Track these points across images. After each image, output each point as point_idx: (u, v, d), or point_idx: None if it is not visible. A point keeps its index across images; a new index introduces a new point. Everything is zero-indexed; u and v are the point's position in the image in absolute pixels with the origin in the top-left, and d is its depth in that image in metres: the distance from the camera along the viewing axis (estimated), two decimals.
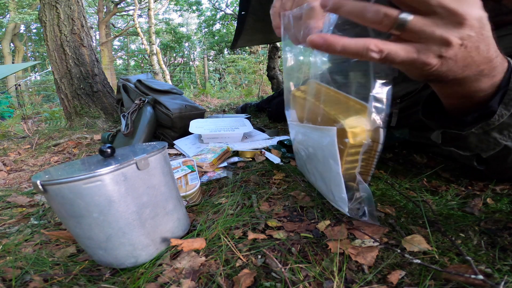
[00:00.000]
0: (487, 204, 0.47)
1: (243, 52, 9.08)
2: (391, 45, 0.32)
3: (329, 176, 0.44)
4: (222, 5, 13.27)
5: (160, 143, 0.46)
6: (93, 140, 1.44)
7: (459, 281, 0.31)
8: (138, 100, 1.17)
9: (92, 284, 0.37)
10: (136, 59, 18.31)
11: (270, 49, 2.84)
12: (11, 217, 0.60)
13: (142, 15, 13.32)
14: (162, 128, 1.21)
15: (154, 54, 8.36)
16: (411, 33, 0.31)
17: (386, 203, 0.51)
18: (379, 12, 0.30)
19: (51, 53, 1.82)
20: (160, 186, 0.42)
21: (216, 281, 0.35)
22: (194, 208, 0.57)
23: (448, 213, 0.46)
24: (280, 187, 0.64)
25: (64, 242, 0.48)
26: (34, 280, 0.38)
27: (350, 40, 0.31)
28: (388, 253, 0.37)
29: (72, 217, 0.37)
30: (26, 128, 1.95)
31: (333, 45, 0.31)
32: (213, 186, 0.69)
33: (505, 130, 0.42)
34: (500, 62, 0.37)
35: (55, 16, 1.77)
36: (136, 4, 9.58)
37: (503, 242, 0.37)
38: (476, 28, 0.31)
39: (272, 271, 0.36)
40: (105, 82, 1.95)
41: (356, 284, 0.33)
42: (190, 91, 4.96)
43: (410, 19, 0.30)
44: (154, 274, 0.37)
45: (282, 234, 0.44)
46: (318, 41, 0.31)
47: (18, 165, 1.11)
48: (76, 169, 0.38)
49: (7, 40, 10.62)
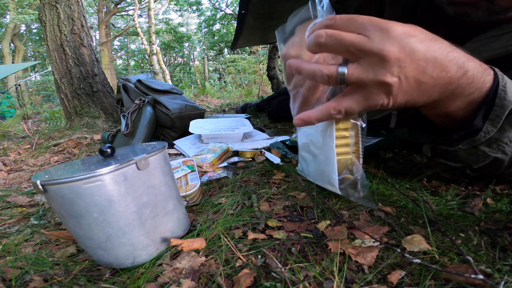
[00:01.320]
0: (487, 204, 0.47)
1: (243, 52, 9.08)
2: (344, 102, 0.35)
3: (322, 153, 0.45)
4: (222, 5, 13.27)
5: (160, 143, 0.46)
6: (93, 140, 1.44)
7: (459, 281, 0.30)
8: (138, 100, 1.17)
9: (92, 284, 0.37)
10: (136, 59, 18.32)
11: (270, 49, 2.84)
12: (11, 217, 0.60)
13: (142, 15, 13.32)
14: (162, 128, 1.21)
15: (154, 54, 8.36)
16: (354, 84, 0.33)
17: (386, 202, 0.51)
18: (323, 74, 0.34)
19: (51, 53, 1.82)
20: (160, 186, 0.42)
21: (216, 281, 0.35)
22: (194, 208, 0.57)
23: (448, 213, 0.46)
24: (280, 187, 0.64)
25: (64, 242, 0.48)
26: (34, 280, 0.38)
27: (317, 112, 0.37)
28: (388, 253, 0.37)
29: (72, 217, 0.37)
30: (26, 128, 1.95)
31: (310, 121, 0.38)
32: (213, 186, 0.69)
33: (494, 143, 0.41)
34: (476, 77, 0.35)
35: (55, 16, 1.77)
36: (136, 4, 9.58)
37: (503, 242, 0.37)
38: (406, 58, 0.31)
39: (272, 271, 0.36)
40: (105, 82, 1.95)
41: (356, 284, 0.33)
42: (190, 91, 4.97)
43: (346, 72, 0.33)
44: (154, 274, 0.37)
45: (282, 234, 0.44)
46: (299, 123, 0.39)
47: (18, 165, 1.11)
48: (76, 169, 0.38)
49: (7, 40, 10.62)
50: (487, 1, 0.48)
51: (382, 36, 0.30)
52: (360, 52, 0.31)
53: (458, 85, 0.35)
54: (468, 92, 0.36)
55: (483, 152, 0.42)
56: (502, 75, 0.36)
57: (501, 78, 0.36)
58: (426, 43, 0.32)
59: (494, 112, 0.37)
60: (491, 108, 0.37)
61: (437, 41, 0.33)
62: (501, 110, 0.37)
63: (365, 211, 0.48)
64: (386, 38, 0.30)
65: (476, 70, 0.35)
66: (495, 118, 0.37)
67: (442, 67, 0.32)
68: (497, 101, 0.36)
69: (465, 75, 0.34)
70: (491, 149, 0.42)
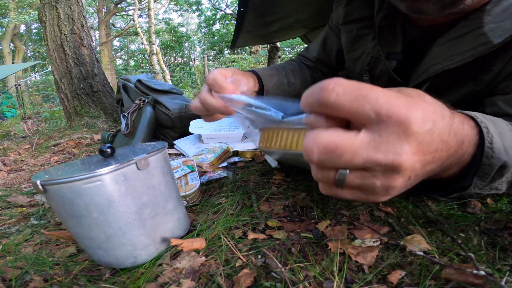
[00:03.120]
0: (487, 204, 0.47)
1: (243, 52, 9.07)
2: (339, 191, 0.29)
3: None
4: (222, 5, 13.28)
5: (160, 143, 0.46)
6: (93, 140, 1.44)
7: (460, 280, 0.30)
8: (138, 100, 1.17)
9: (92, 284, 0.37)
10: (136, 59, 18.31)
11: (270, 49, 2.84)
12: (11, 217, 0.60)
13: (142, 15, 13.32)
14: (162, 128, 1.21)
15: (154, 54, 8.36)
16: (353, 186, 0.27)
17: (386, 203, 0.51)
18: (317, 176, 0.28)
19: (51, 53, 1.82)
20: (160, 186, 0.42)
21: (216, 281, 0.35)
22: (194, 208, 0.57)
23: (448, 213, 0.46)
24: (280, 187, 0.64)
25: (64, 242, 0.48)
26: (34, 280, 0.38)
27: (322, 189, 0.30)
28: (388, 253, 0.37)
29: (72, 217, 0.37)
30: (26, 128, 1.95)
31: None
32: (213, 186, 0.69)
33: (486, 187, 0.38)
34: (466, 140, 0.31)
35: (55, 16, 1.77)
36: (136, 4, 9.58)
37: (503, 242, 0.37)
38: (420, 157, 0.25)
39: (272, 271, 0.36)
40: (105, 82, 1.95)
41: (356, 284, 0.33)
42: (190, 91, 4.96)
43: (347, 175, 0.26)
44: (154, 274, 0.37)
45: (282, 234, 0.44)
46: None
47: (18, 165, 1.11)
48: (76, 169, 0.38)
49: (7, 40, 10.62)
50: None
51: (398, 137, 0.24)
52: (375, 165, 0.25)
53: (455, 157, 0.31)
54: (462, 159, 0.32)
55: (476, 193, 0.40)
56: (486, 128, 0.32)
57: (486, 133, 0.32)
58: (437, 126, 0.26)
59: (483, 171, 0.34)
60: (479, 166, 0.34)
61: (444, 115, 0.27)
62: (489, 168, 0.34)
63: (365, 211, 0.48)
64: (403, 139, 0.24)
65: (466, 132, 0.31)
66: (483, 175, 0.35)
67: (447, 147, 0.28)
68: (484, 160, 0.33)
69: (461, 145, 0.31)
70: (483, 191, 0.39)
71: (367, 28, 0.66)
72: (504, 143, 0.33)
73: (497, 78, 0.50)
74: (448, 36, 0.52)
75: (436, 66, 0.53)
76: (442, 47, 0.53)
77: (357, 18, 0.68)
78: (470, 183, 0.36)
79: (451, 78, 0.54)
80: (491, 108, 0.51)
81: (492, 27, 0.46)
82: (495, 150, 0.32)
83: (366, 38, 0.67)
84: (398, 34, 0.61)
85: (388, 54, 0.62)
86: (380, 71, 0.65)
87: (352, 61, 0.73)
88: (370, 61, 0.66)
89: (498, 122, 0.36)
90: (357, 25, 0.68)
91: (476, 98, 0.54)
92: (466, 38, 0.49)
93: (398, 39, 0.61)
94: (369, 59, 0.66)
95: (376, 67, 0.66)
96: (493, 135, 0.32)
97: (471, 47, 0.48)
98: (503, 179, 0.37)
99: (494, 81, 0.51)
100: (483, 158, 0.33)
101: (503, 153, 0.33)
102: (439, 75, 0.53)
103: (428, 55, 0.55)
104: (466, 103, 0.56)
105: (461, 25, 0.50)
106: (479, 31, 0.47)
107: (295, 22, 1.81)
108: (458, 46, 0.50)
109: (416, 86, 0.58)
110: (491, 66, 0.50)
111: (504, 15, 0.46)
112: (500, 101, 0.50)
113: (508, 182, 0.40)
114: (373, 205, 0.49)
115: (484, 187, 0.38)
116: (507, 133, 0.35)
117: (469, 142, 0.31)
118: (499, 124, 0.36)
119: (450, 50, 0.51)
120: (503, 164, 0.34)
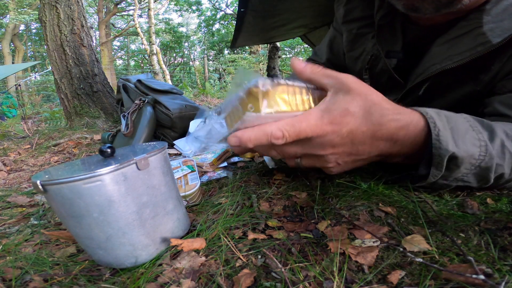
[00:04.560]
0: (487, 204, 0.47)
1: (243, 52, 9.07)
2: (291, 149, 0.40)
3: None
4: (222, 5, 13.27)
5: (160, 143, 0.46)
6: (93, 140, 1.44)
7: (459, 281, 0.30)
8: (138, 100, 1.17)
9: (92, 284, 0.37)
10: (136, 59, 18.31)
11: (270, 49, 2.84)
12: (11, 217, 0.60)
13: (142, 15, 13.32)
14: (162, 128, 1.21)
15: (154, 54, 8.36)
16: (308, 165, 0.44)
17: (386, 203, 0.51)
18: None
19: (51, 53, 1.82)
20: (160, 186, 0.42)
21: (216, 281, 0.35)
22: (194, 208, 0.57)
23: (448, 213, 0.46)
24: (280, 187, 0.64)
25: (64, 242, 0.48)
26: (34, 280, 0.38)
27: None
28: (388, 253, 0.37)
29: (72, 217, 0.37)
30: (26, 128, 1.95)
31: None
32: (213, 186, 0.69)
33: (449, 178, 0.43)
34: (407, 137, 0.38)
35: (55, 16, 1.77)
36: (136, 4, 9.58)
37: (503, 242, 0.37)
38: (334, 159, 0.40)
39: (272, 271, 0.36)
40: (105, 82, 1.95)
41: (356, 284, 0.33)
42: (190, 91, 4.96)
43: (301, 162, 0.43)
44: (154, 274, 0.37)
45: (282, 234, 0.44)
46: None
47: (18, 165, 1.11)
48: (76, 169, 0.38)
49: (7, 40, 10.62)
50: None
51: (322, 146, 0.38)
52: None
53: (389, 153, 0.41)
54: (402, 152, 0.41)
55: (445, 184, 0.45)
56: (434, 122, 0.38)
57: (433, 127, 0.37)
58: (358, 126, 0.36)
59: (435, 160, 0.39)
60: (430, 158, 0.39)
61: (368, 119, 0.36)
62: (440, 158, 0.38)
63: (365, 211, 0.48)
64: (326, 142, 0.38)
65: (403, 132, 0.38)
66: (437, 165, 0.39)
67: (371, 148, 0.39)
68: (434, 151, 0.38)
69: (396, 144, 0.39)
70: (449, 182, 0.44)
71: (367, 27, 0.66)
72: (454, 136, 0.38)
73: (496, 78, 0.50)
74: (447, 36, 0.52)
75: (435, 66, 0.53)
76: (442, 47, 0.53)
77: (357, 17, 0.68)
78: (428, 172, 0.41)
79: (450, 78, 0.54)
80: (488, 108, 0.51)
81: (491, 27, 0.46)
82: (442, 142, 0.37)
83: (366, 37, 0.67)
84: (398, 32, 0.61)
85: (388, 53, 0.62)
86: (380, 70, 0.65)
87: (352, 60, 0.73)
88: (370, 59, 0.66)
89: (454, 118, 0.40)
90: (357, 24, 0.68)
91: (476, 98, 0.54)
92: (466, 38, 0.49)
93: (398, 37, 0.61)
94: (369, 58, 0.66)
95: (376, 66, 0.66)
96: (440, 129, 0.37)
97: (470, 47, 0.48)
98: (462, 170, 0.41)
99: (493, 81, 0.51)
100: (433, 149, 0.38)
101: (451, 145, 0.37)
102: (439, 75, 0.53)
103: (428, 55, 0.55)
104: (466, 103, 0.56)
105: (461, 25, 0.50)
106: (478, 31, 0.47)
107: (295, 22, 1.81)
108: (457, 46, 0.50)
109: (415, 86, 0.58)
110: (490, 66, 0.50)
111: (503, 15, 0.46)
112: (496, 102, 0.50)
113: (474, 175, 0.43)
114: (373, 205, 0.49)
115: (448, 178, 0.43)
116: (461, 127, 0.39)
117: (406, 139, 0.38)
118: (454, 119, 0.40)
119: (450, 50, 0.51)
120: (452, 154, 0.38)
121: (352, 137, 0.37)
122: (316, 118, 0.35)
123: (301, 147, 0.39)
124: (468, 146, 0.38)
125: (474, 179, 0.44)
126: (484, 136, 0.40)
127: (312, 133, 0.35)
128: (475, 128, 0.40)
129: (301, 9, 1.55)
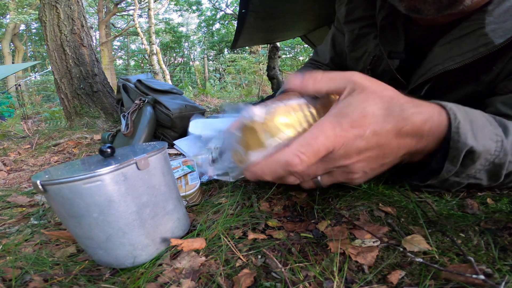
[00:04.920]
0: (487, 204, 0.47)
1: (243, 52, 9.07)
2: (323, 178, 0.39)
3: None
4: (222, 5, 13.28)
5: (160, 143, 0.46)
6: (93, 140, 1.44)
7: (460, 280, 0.30)
8: (138, 100, 1.17)
9: (92, 284, 0.37)
10: (136, 59, 18.31)
11: (270, 49, 2.84)
12: (11, 217, 0.60)
13: (142, 15, 13.32)
14: (162, 128, 1.21)
15: (154, 54, 8.36)
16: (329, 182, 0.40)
17: (386, 203, 0.51)
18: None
19: (51, 53, 1.82)
20: (160, 186, 0.42)
21: (216, 281, 0.35)
22: (194, 208, 0.57)
23: (448, 213, 0.46)
24: (280, 187, 0.64)
25: (64, 242, 0.48)
26: (34, 280, 0.38)
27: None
28: (388, 253, 0.37)
29: (72, 217, 0.37)
30: (26, 128, 1.95)
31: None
32: (213, 186, 0.69)
33: (462, 174, 0.41)
34: (432, 131, 0.36)
35: (55, 16, 1.77)
36: (136, 4, 9.58)
37: (503, 242, 0.37)
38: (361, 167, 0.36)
39: (272, 271, 0.36)
40: (105, 82, 1.95)
41: (356, 284, 0.33)
42: (190, 91, 4.97)
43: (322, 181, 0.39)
44: (154, 274, 0.37)
45: (282, 234, 0.44)
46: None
47: (18, 165, 1.11)
48: (76, 169, 0.38)
49: (7, 40, 10.63)
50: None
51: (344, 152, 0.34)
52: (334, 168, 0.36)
53: (415, 150, 0.38)
54: (427, 149, 0.38)
55: (455, 182, 0.43)
56: (454, 114, 0.36)
57: (453, 119, 0.35)
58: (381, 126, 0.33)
59: (451, 154, 0.37)
60: (448, 150, 0.37)
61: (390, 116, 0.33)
62: (457, 152, 0.36)
63: (365, 211, 0.48)
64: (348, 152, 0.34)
65: (428, 126, 0.35)
66: (453, 159, 0.38)
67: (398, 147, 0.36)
68: (451, 144, 0.36)
69: (422, 138, 0.36)
70: (461, 179, 0.42)
71: (369, 27, 0.66)
72: (473, 129, 0.36)
73: (497, 78, 0.50)
74: (449, 37, 0.52)
75: (437, 66, 0.53)
76: (444, 48, 0.52)
77: (359, 17, 0.68)
78: (442, 166, 0.39)
79: (452, 78, 0.54)
80: (490, 108, 0.51)
81: (493, 28, 0.46)
82: (461, 134, 0.35)
83: (368, 37, 0.67)
84: (400, 33, 0.61)
85: (390, 53, 0.62)
86: (382, 71, 0.65)
87: (354, 61, 0.72)
88: (372, 60, 0.66)
89: (471, 112, 0.38)
90: (358, 24, 0.68)
91: (478, 98, 0.54)
92: (468, 38, 0.49)
93: (400, 38, 0.61)
94: (371, 58, 0.66)
95: (378, 67, 0.66)
96: (460, 121, 0.35)
97: (472, 48, 0.48)
98: (477, 165, 0.39)
99: (494, 82, 0.51)
100: (451, 142, 0.36)
101: (470, 138, 0.36)
102: (441, 75, 0.53)
103: (430, 56, 0.55)
104: (468, 103, 0.56)
105: (463, 26, 0.50)
106: (481, 31, 0.47)
107: (295, 23, 1.81)
108: (459, 46, 0.50)
109: (417, 87, 0.58)
110: (491, 67, 0.50)
111: (505, 16, 0.46)
112: (498, 102, 0.50)
113: (486, 172, 0.41)
114: (373, 205, 0.49)
115: (460, 174, 0.41)
116: (480, 121, 0.38)
117: (431, 136, 0.36)
118: (472, 113, 0.38)
119: (452, 51, 0.51)
120: (470, 149, 0.36)
121: (378, 139, 0.33)
122: (333, 127, 0.31)
123: (322, 164, 0.35)
124: (486, 141, 0.37)
125: (485, 176, 0.42)
126: (499, 131, 0.38)
127: (333, 145, 0.32)
128: (492, 123, 0.39)
129: (302, 11, 1.55)
